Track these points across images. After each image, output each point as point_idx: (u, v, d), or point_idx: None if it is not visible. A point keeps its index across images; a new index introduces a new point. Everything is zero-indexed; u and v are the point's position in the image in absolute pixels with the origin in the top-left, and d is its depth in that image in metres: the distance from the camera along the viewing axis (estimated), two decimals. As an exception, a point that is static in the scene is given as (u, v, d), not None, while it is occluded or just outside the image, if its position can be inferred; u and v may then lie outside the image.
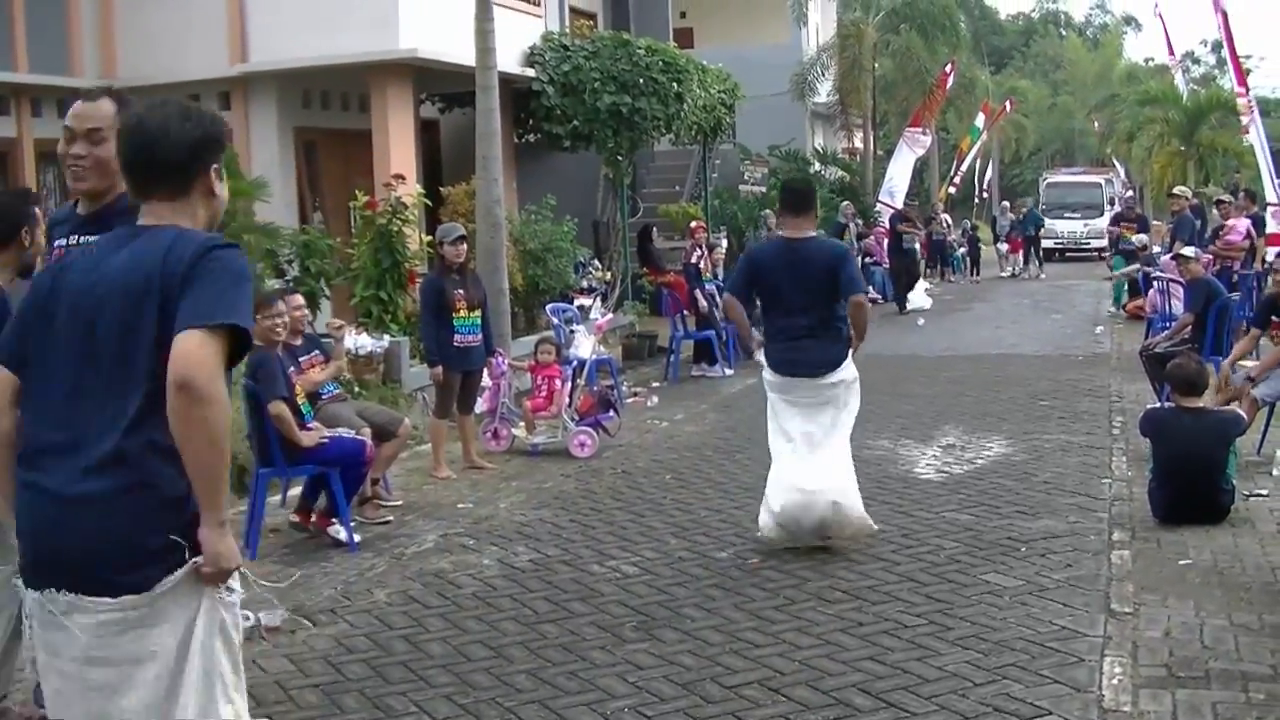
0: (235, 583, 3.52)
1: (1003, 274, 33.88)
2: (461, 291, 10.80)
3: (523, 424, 11.94)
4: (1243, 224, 18.88)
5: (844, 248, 10.08)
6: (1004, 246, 34.45)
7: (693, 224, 19.00)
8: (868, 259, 26.62)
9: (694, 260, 17.31)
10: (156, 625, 3.40)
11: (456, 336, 10.76)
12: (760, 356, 8.38)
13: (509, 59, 17.87)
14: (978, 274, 33.61)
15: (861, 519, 8.16)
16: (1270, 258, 18.55)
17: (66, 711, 3.51)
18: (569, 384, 12.06)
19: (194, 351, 3.27)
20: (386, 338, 12.88)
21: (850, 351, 8.26)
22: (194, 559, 3.39)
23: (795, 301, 8.11)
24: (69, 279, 3.58)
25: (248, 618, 6.95)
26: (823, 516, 8.00)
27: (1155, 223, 28.01)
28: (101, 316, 3.45)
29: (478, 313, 10.93)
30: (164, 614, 3.41)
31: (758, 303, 8.62)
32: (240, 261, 3.48)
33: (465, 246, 11.03)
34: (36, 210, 5.61)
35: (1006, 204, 40.01)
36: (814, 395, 8.14)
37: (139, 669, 3.41)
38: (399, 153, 16.93)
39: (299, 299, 9.59)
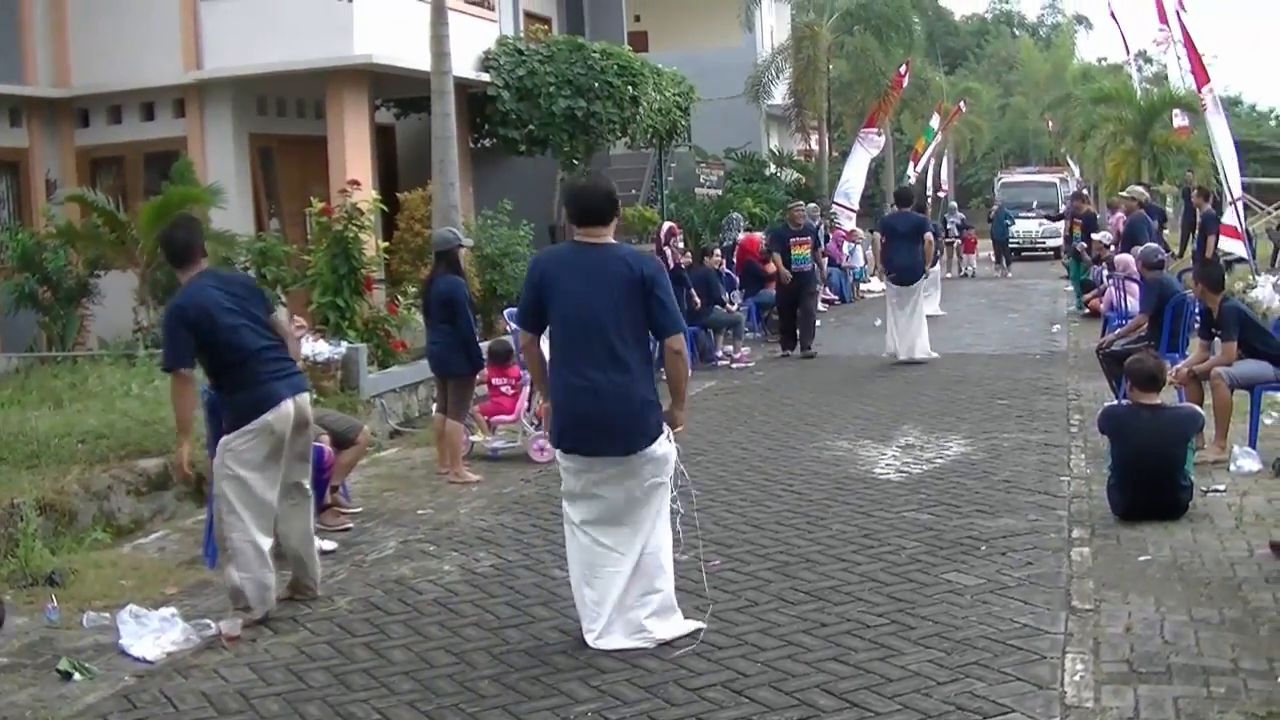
0: None
1: (948, 275, 33.91)
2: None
3: (478, 430, 11.90)
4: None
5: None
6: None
7: (670, 225, 18.95)
8: (825, 260, 26.60)
9: (681, 264, 17.44)
10: None
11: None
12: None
13: (464, 64, 17.85)
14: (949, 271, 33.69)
15: None
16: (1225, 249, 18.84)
17: None
18: (527, 388, 12.02)
19: None
20: (344, 344, 12.82)
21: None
22: None
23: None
24: None
25: (208, 626, 6.93)
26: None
27: (1111, 218, 28.18)
28: None
29: None
30: None
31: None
32: None
33: None
34: None
35: (955, 204, 40.04)
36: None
37: None
38: (355, 159, 16.87)
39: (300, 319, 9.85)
